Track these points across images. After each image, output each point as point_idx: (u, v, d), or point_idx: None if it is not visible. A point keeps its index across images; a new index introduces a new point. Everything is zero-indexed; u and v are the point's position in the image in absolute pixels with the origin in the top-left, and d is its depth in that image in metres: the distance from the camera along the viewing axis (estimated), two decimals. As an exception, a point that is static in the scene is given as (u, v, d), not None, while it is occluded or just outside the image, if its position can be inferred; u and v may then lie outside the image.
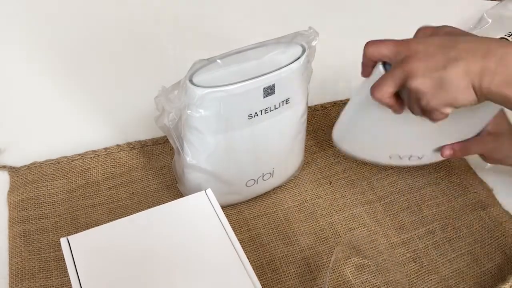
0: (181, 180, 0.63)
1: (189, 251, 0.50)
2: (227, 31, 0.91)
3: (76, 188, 0.67)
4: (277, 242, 0.63)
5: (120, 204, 0.66)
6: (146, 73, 0.85)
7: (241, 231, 0.63)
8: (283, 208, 0.66)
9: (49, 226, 0.63)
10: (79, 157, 0.70)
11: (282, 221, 0.65)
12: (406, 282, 0.59)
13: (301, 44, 0.56)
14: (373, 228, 0.64)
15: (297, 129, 0.63)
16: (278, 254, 0.61)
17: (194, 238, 0.51)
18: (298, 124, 0.62)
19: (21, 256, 0.60)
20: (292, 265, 0.61)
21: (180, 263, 0.49)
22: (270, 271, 0.60)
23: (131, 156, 0.71)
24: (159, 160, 0.71)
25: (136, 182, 0.68)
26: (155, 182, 0.68)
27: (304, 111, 0.62)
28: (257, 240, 0.63)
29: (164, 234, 0.52)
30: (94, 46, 0.89)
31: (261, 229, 0.64)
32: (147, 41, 0.91)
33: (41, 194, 0.66)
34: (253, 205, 0.66)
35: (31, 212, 0.64)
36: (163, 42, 0.91)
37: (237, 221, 0.64)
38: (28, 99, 0.79)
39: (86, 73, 0.84)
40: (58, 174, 0.68)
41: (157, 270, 0.49)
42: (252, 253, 0.61)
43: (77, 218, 0.64)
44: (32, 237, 0.61)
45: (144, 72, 0.85)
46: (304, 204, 0.67)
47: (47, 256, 0.60)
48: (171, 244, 0.51)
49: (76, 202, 0.65)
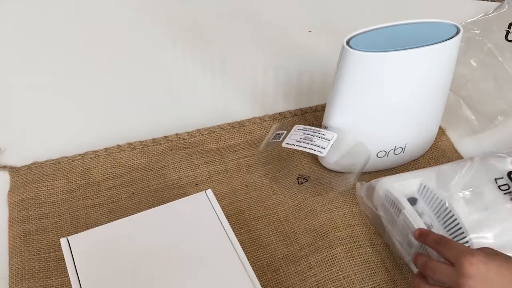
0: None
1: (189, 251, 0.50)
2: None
3: (76, 188, 0.67)
4: (278, 243, 0.63)
5: (120, 204, 0.66)
6: (146, 73, 0.85)
7: (241, 232, 0.63)
8: (283, 209, 0.66)
9: (49, 226, 0.63)
10: (80, 157, 0.70)
11: (282, 221, 0.65)
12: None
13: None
14: (372, 227, 0.64)
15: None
16: (278, 255, 0.61)
17: (194, 239, 0.51)
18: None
19: (21, 256, 0.60)
20: (292, 264, 0.61)
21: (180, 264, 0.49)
22: (270, 272, 0.60)
23: (132, 157, 0.71)
24: (160, 160, 0.71)
25: (136, 182, 0.68)
26: (155, 182, 0.68)
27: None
28: (257, 241, 0.63)
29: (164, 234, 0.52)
30: (94, 46, 0.89)
31: (261, 230, 0.64)
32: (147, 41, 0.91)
33: (41, 194, 0.66)
34: (253, 206, 0.66)
35: (31, 212, 0.64)
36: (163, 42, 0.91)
37: (237, 222, 0.64)
38: (28, 99, 0.79)
39: (87, 73, 0.84)
40: (58, 174, 0.68)
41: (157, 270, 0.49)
42: (252, 254, 0.61)
43: (77, 218, 0.64)
44: (32, 237, 0.61)
45: (144, 72, 0.85)
46: (304, 202, 0.67)
47: (47, 256, 0.60)
48: (171, 244, 0.51)
49: (76, 202, 0.65)
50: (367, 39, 0.58)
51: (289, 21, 0.96)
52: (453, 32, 0.58)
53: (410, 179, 0.61)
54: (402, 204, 0.58)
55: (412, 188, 0.61)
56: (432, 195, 0.59)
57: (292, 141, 0.64)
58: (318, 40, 0.92)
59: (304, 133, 0.64)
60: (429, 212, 0.58)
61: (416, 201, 0.60)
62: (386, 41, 0.57)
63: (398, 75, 0.59)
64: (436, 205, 0.58)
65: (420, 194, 0.60)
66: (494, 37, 0.88)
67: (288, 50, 0.90)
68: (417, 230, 0.55)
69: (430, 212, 0.58)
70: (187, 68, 0.86)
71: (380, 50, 0.56)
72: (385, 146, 0.67)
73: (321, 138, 0.63)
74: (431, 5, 1.01)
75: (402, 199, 0.58)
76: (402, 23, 0.59)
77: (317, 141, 0.63)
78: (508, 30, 0.90)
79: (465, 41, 0.87)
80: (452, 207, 0.56)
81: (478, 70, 0.83)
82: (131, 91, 0.82)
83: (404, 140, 0.68)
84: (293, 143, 0.63)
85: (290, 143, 0.64)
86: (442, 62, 0.60)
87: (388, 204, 0.60)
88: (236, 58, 0.88)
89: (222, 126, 0.76)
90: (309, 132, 0.64)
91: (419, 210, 0.58)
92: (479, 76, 0.82)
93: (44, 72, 0.84)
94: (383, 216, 0.61)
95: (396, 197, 0.59)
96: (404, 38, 0.57)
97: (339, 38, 0.58)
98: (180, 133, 0.74)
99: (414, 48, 0.57)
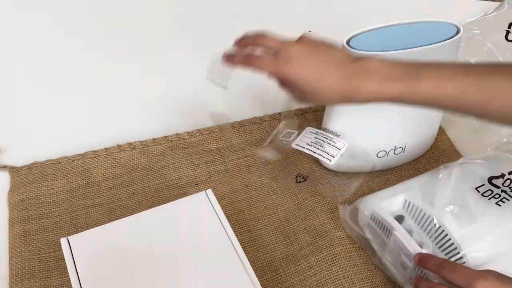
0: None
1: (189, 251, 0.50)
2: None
3: (77, 188, 0.67)
4: (278, 243, 0.63)
5: (120, 204, 0.66)
6: (146, 73, 0.85)
7: (242, 232, 0.63)
8: (283, 209, 0.66)
9: (49, 226, 0.63)
10: (80, 157, 0.70)
11: (282, 221, 0.65)
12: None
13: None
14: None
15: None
16: (278, 255, 0.61)
17: (194, 239, 0.51)
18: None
19: (21, 256, 0.60)
20: (293, 264, 0.61)
21: (180, 264, 0.49)
22: (271, 272, 0.60)
23: (132, 156, 0.71)
24: (160, 160, 0.71)
25: (137, 182, 0.68)
26: (155, 182, 0.68)
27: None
28: (257, 241, 0.63)
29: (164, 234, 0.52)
30: (94, 46, 0.89)
31: (261, 230, 0.64)
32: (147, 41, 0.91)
33: (41, 194, 0.66)
34: (254, 206, 0.66)
35: (31, 212, 0.64)
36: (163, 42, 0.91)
37: (237, 222, 0.64)
38: (28, 99, 0.79)
39: (87, 73, 0.84)
40: (58, 174, 0.68)
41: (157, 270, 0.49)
42: (253, 254, 0.61)
43: (77, 218, 0.64)
44: (32, 237, 0.61)
45: (144, 72, 0.85)
46: (304, 202, 0.67)
47: (47, 256, 0.60)
48: (171, 244, 0.51)
49: (77, 202, 0.65)
50: (367, 39, 0.58)
51: (289, 21, 0.96)
52: (453, 32, 0.58)
53: (395, 196, 0.59)
54: (392, 225, 0.56)
55: (397, 205, 0.59)
56: (418, 211, 0.57)
57: (303, 143, 0.64)
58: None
59: (316, 137, 0.64)
60: (417, 229, 0.56)
61: (403, 218, 0.58)
62: (386, 41, 0.57)
63: None
64: (424, 222, 0.56)
65: (406, 211, 0.58)
66: (494, 37, 0.88)
67: (288, 50, 0.90)
68: (416, 255, 0.53)
69: (419, 229, 0.56)
70: (187, 68, 0.86)
71: (380, 50, 0.56)
72: (385, 146, 0.67)
73: (331, 145, 0.63)
74: (431, 5, 1.01)
75: (390, 219, 0.57)
76: (402, 23, 0.59)
77: (327, 148, 0.62)
78: (508, 30, 0.90)
79: (465, 41, 0.87)
80: (442, 223, 0.55)
81: (478, 70, 0.83)
82: (131, 91, 0.82)
83: (404, 140, 0.67)
84: (303, 145, 0.63)
85: (300, 145, 0.64)
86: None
87: (375, 225, 0.59)
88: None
89: (222, 126, 0.76)
90: (321, 137, 0.64)
91: (407, 227, 0.57)
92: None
93: (44, 72, 0.83)
94: (371, 238, 0.60)
95: (383, 218, 0.57)
96: (404, 38, 0.57)
97: (339, 38, 0.58)
98: (180, 133, 0.74)
99: (414, 48, 0.57)
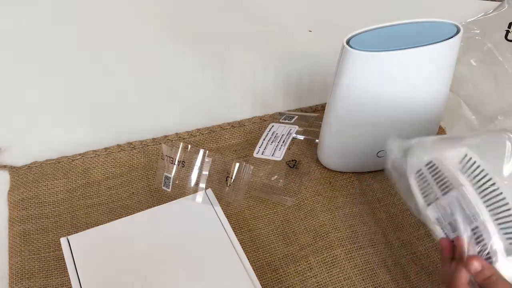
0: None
1: (189, 251, 0.50)
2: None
3: (76, 187, 0.67)
4: (278, 243, 0.63)
5: (120, 204, 0.66)
6: (146, 72, 0.85)
7: (242, 231, 0.63)
8: (283, 208, 0.66)
9: (49, 225, 0.63)
10: (80, 157, 0.70)
11: (282, 221, 0.65)
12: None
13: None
14: (372, 227, 0.64)
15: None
16: (278, 255, 0.61)
17: (194, 238, 0.51)
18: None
19: (21, 256, 0.60)
20: (292, 264, 0.61)
21: (180, 263, 0.49)
22: (270, 271, 0.60)
23: (132, 156, 0.71)
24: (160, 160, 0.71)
25: (136, 182, 0.68)
26: (155, 182, 0.68)
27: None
28: (257, 240, 0.63)
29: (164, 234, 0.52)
30: (94, 46, 0.89)
31: (262, 230, 0.64)
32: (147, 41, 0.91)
33: (41, 194, 0.66)
34: (254, 206, 0.66)
35: (31, 212, 0.64)
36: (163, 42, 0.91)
37: (237, 222, 0.64)
38: (28, 99, 0.79)
39: (87, 73, 0.84)
40: (58, 173, 0.68)
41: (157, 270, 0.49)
42: (252, 254, 0.61)
43: (77, 217, 0.64)
44: (32, 237, 0.61)
45: (144, 71, 0.85)
46: (304, 202, 0.67)
47: (47, 255, 0.60)
48: (171, 244, 0.51)
49: (76, 201, 0.65)
50: (367, 38, 0.58)
51: (289, 20, 0.96)
52: (453, 31, 0.58)
53: (455, 148, 0.51)
54: (458, 180, 0.49)
55: (454, 158, 0.51)
56: (481, 176, 0.49)
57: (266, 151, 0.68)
58: (318, 40, 0.92)
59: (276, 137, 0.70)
60: (473, 191, 0.49)
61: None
62: (386, 41, 0.57)
63: (398, 74, 0.59)
64: (485, 189, 0.49)
65: (462, 167, 0.51)
66: (494, 37, 0.88)
67: (288, 50, 0.90)
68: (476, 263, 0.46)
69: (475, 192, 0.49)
70: (187, 68, 0.86)
71: (380, 50, 0.56)
72: (385, 145, 0.67)
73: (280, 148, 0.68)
74: (431, 5, 1.01)
75: (458, 174, 0.50)
76: (402, 22, 0.59)
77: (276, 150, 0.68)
78: (508, 30, 0.90)
79: (465, 41, 0.87)
80: (510, 199, 0.47)
81: (478, 70, 0.83)
82: (131, 90, 0.82)
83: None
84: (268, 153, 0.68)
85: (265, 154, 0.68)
86: (442, 62, 0.60)
87: (430, 174, 0.52)
88: (236, 58, 0.88)
89: (222, 125, 0.76)
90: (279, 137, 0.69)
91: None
92: (479, 76, 0.82)
93: (44, 72, 0.84)
94: (414, 186, 0.53)
95: (449, 169, 0.50)
96: (404, 37, 0.57)
97: (339, 37, 0.58)
98: (180, 132, 0.74)
99: (414, 48, 0.57)
